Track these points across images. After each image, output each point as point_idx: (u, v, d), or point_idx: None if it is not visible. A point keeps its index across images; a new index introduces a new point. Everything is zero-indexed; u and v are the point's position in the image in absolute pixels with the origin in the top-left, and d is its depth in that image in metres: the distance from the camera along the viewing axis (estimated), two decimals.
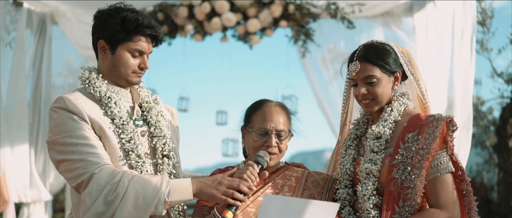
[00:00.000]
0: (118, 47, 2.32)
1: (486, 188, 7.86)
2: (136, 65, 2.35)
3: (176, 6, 5.48)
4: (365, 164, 2.36)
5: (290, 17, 5.42)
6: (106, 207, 2.09)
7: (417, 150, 2.28)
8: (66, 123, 2.20)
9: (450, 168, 2.32)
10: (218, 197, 2.20)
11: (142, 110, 2.45)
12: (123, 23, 2.29)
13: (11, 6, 5.37)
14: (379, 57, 2.42)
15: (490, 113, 8.23)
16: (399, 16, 5.58)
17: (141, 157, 2.28)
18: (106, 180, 2.12)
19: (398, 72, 2.46)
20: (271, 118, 2.50)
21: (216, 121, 6.84)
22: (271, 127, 2.49)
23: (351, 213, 2.43)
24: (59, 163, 2.22)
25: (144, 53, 2.36)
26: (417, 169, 2.26)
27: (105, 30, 2.32)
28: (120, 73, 2.34)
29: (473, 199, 2.37)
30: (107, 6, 2.42)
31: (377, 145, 2.37)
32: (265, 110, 2.54)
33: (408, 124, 2.37)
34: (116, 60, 2.33)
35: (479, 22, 7.09)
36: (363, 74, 2.41)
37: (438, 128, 2.29)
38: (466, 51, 5.17)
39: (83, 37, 5.57)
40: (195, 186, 2.21)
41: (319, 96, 5.77)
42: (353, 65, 2.44)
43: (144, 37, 2.33)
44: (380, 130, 2.38)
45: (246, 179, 2.25)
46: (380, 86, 2.41)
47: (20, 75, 5.38)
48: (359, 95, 2.43)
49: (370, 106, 2.44)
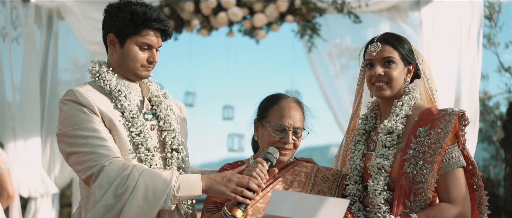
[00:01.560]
0: (127, 41, 2.33)
1: (492, 183, 7.84)
2: (145, 59, 2.36)
3: (182, 1, 5.48)
4: (377, 159, 2.35)
5: (296, 11, 5.42)
6: (116, 199, 2.10)
7: (429, 145, 2.27)
8: (76, 115, 2.21)
9: (461, 162, 2.32)
10: (227, 194, 2.20)
11: (152, 104, 2.45)
12: (131, 16, 2.30)
13: (18, 2, 5.39)
14: (399, 43, 2.45)
15: (497, 108, 8.20)
16: (406, 10, 5.57)
17: (150, 150, 2.28)
18: (116, 172, 2.12)
19: (412, 64, 2.47)
20: (289, 115, 2.49)
21: (223, 116, 6.85)
22: (289, 124, 2.47)
23: (361, 208, 2.42)
24: (68, 155, 2.23)
25: (152, 47, 2.36)
26: (429, 164, 2.26)
27: (114, 24, 2.32)
28: (129, 67, 2.35)
29: (483, 193, 2.35)
30: (114, 0, 2.43)
31: (389, 140, 2.36)
32: (283, 105, 2.52)
33: (419, 118, 2.36)
34: (124, 54, 2.34)
35: (486, 16, 7.06)
36: (382, 55, 2.42)
37: (450, 123, 2.28)
38: (472, 46, 5.15)
39: (90, 32, 5.59)
40: (204, 182, 2.21)
41: (325, 91, 5.77)
42: (374, 46, 2.45)
43: (153, 31, 2.34)
44: (392, 124, 2.37)
45: (255, 177, 2.24)
46: (396, 70, 2.41)
47: (31, 70, 5.41)
48: (375, 76, 2.41)
49: (383, 90, 2.42)
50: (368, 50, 2.47)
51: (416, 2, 5.54)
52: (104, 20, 2.39)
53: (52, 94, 5.78)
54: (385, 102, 2.50)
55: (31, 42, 5.43)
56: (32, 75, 5.43)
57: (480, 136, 8.26)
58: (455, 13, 5.27)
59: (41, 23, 5.64)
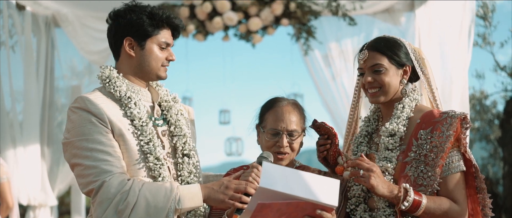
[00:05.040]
0: (147, 41, 2.31)
1: (491, 182, 7.86)
2: (164, 58, 2.36)
3: (177, 6, 5.49)
4: (380, 161, 2.35)
5: (291, 15, 5.43)
6: (117, 216, 2.08)
7: (431, 148, 2.26)
8: (84, 125, 2.18)
9: (461, 167, 2.31)
10: (226, 201, 2.19)
11: (162, 109, 2.43)
12: (151, 16, 2.30)
13: (14, 10, 5.39)
14: (388, 47, 2.42)
15: (494, 107, 8.23)
16: (401, 12, 5.59)
17: (159, 159, 2.26)
18: (116, 188, 2.10)
19: (407, 66, 2.44)
20: (282, 118, 2.50)
21: (219, 120, 6.85)
22: (282, 127, 2.49)
23: (366, 210, 2.40)
24: (72, 166, 2.22)
25: (169, 45, 2.37)
26: (431, 167, 2.26)
27: (132, 27, 2.30)
28: (151, 67, 2.33)
29: (487, 196, 2.35)
30: (108, 7, 2.42)
31: (391, 142, 2.35)
32: (277, 109, 2.53)
33: (421, 120, 2.35)
34: (146, 55, 2.32)
35: (481, 16, 7.08)
36: (370, 63, 2.41)
37: (452, 126, 2.27)
38: (464, 46, 5.19)
39: (88, 42, 5.61)
40: (203, 192, 2.20)
41: (322, 94, 5.78)
42: (361, 54, 2.45)
43: (168, 29, 2.36)
44: (394, 127, 2.36)
45: (252, 181, 2.24)
46: (387, 76, 2.40)
47: (29, 78, 5.42)
48: (365, 84, 2.42)
49: (377, 96, 2.42)
50: (358, 59, 2.48)
51: (410, 4, 5.56)
52: (115, 26, 2.35)
53: (50, 102, 5.78)
54: (386, 104, 2.49)
55: (28, 50, 5.43)
56: (29, 83, 5.43)
57: (478, 135, 8.28)
58: (450, 15, 5.29)
59: (37, 31, 5.65)
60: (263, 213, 2.01)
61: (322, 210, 2.04)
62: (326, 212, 2.05)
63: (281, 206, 2.00)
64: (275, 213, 2.02)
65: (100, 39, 5.51)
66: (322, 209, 2.04)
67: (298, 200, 1.98)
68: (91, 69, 6.06)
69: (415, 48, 2.50)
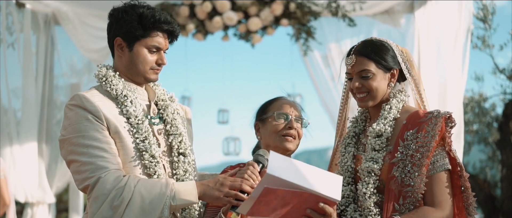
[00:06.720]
0: (136, 44, 2.31)
1: (489, 184, 7.86)
2: (154, 62, 2.35)
3: (177, 5, 5.49)
4: (366, 162, 2.36)
5: (291, 15, 5.44)
6: (112, 212, 2.09)
7: (417, 148, 2.28)
8: (80, 122, 2.20)
9: (446, 166, 2.32)
10: (221, 198, 2.21)
11: (158, 107, 2.45)
12: (140, 19, 2.29)
13: (14, 7, 5.39)
14: (375, 52, 2.42)
15: (493, 109, 8.22)
16: (400, 13, 5.60)
17: (155, 157, 2.27)
18: (112, 184, 2.12)
19: (395, 69, 2.45)
20: (289, 104, 2.63)
21: (218, 120, 6.85)
22: (291, 111, 2.60)
23: (357, 209, 2.42)
24: (69, 163, 2.23)
25: (161, 49, 2.36)
26: (417, 167, 2.27)
27: (122, 27, 2.31)
28: (138, 70, 2.34)
29: (471, 195, 2.36)
30: (108, 5, 2.42)
31: (378, 143, 2.37)
32: (282, 99, 2.66)
33: (407, 121, 2.37)
34: (134, 57, 2.32)
35: (481, 18, 7.08)
36: (357, 68, 2.42)
37: (437, 125, 2.29)
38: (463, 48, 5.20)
39: (88, 40, 5.62)
40: (199, 188, 2.22)
41: (321, 94, 5.79)
42: (349, 59, 2.46)
43: (161, 33, 2.34)
44: (381, 128, 2.38)
45: (247, 179, 2.25)
46: (375, 81, 2.41)
47: (27, 76, 5.42)
48: (353, 89, 2.44)
49: (365, 101, 2.44)
50: (345, 63, 2.49)
51: (410, 6, 5.56)
52: (110, 24, 2.36)
53: (49, 100, 5.78)
54: (374, 105, 2.50)
55: (27, 48, 5.43)
56: (28, 80, 5.43)
57: (477, 138, 8.28)
58: (449, 17, 5.30)
59: (37, 28, 5.65)
60: (267, 198, 2.04)
61: (324, 204, 2.08)
62: (328, 205, 2.09)
63: (286, 194, 2.03)
64: (280, 200, 2.05)
65: (99, 38, 5.52)
66: (324, 203, 2.08)
67: (302, 190, 2.02)
68: (90, 67, 6.07)
69: (402, 49, 2.50)
